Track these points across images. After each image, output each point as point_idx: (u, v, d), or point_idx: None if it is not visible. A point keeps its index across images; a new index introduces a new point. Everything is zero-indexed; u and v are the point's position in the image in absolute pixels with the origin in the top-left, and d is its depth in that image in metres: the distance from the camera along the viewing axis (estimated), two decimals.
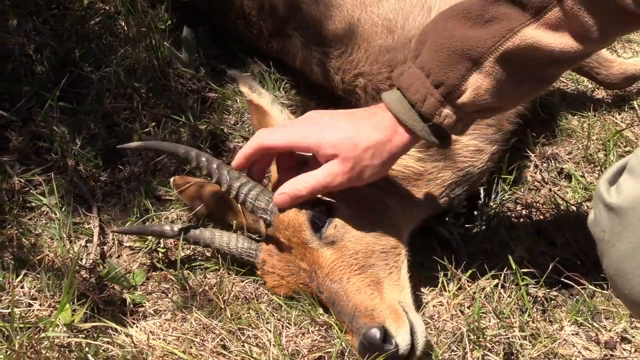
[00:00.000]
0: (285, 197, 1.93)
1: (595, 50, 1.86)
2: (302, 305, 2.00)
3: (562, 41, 1.67)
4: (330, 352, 1.87)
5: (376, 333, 1.78)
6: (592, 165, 2.56)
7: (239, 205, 2.07)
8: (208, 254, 2.19)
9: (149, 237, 2.24)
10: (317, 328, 1.95)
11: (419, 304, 1.97)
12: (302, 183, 1.91)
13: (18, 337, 1.76)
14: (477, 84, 1.76)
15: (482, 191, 2.28)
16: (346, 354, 1.87)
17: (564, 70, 2.10)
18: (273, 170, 2.17)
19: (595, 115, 2.74)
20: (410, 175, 2.17)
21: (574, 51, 1.68)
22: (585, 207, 2.37)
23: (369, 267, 1.93)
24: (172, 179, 2.31)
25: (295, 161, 2.03)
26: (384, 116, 1.85)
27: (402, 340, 1.79)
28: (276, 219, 1.98)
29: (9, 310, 1.84)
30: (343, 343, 1.88)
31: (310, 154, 1.96)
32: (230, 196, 2.03)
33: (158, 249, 2.24)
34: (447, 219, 2.24)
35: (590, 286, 2.07)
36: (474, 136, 2.27)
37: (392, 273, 1.95)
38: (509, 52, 1.71)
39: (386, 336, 1.79)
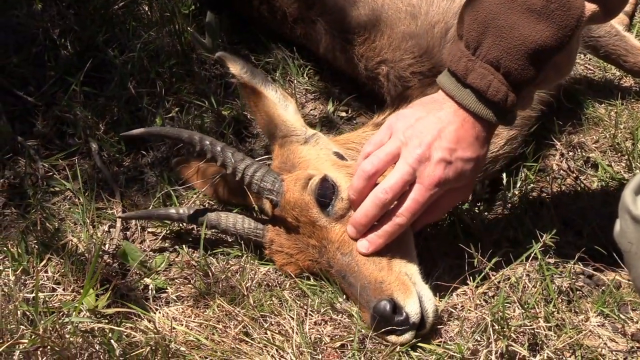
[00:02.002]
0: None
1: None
2: (325, 293, 1.99)
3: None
4: (352, 339, 1.86)
5: (386, 305, 1.81)
6: (619, 154, 2.52)
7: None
8: (231, 240, 2.19)
9: (172, 222, 2.24)
10: (339, 316, 1.95)
11: (442, 292, 1.96)
12: None
13: (42, 321, 1.77)
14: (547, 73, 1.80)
15: (504, 176, 2.27)
16: (367, 341, 1.87)
17: None
18: (275, 150, 2.16)
19: (622, 104, 2.70)
20: None
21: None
22: (612, 197, 2.33)
23: None
24: (173, 161, 2.33)
25: None
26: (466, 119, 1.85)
27: (411, 310, 1.82)
28: (282, 199, 1.98)
29: (33, 294, 1.85)
30: (363, 330, 1.87)
31: None
32: (236, 179, 2.02)
33: (180, 234, 2.24)
34: (466, 206, 2.22)
35: (616, 277, 2.05)
36: None
37: (399, 245, 1.95)
38: None
39: (396, 308, 1.82)
